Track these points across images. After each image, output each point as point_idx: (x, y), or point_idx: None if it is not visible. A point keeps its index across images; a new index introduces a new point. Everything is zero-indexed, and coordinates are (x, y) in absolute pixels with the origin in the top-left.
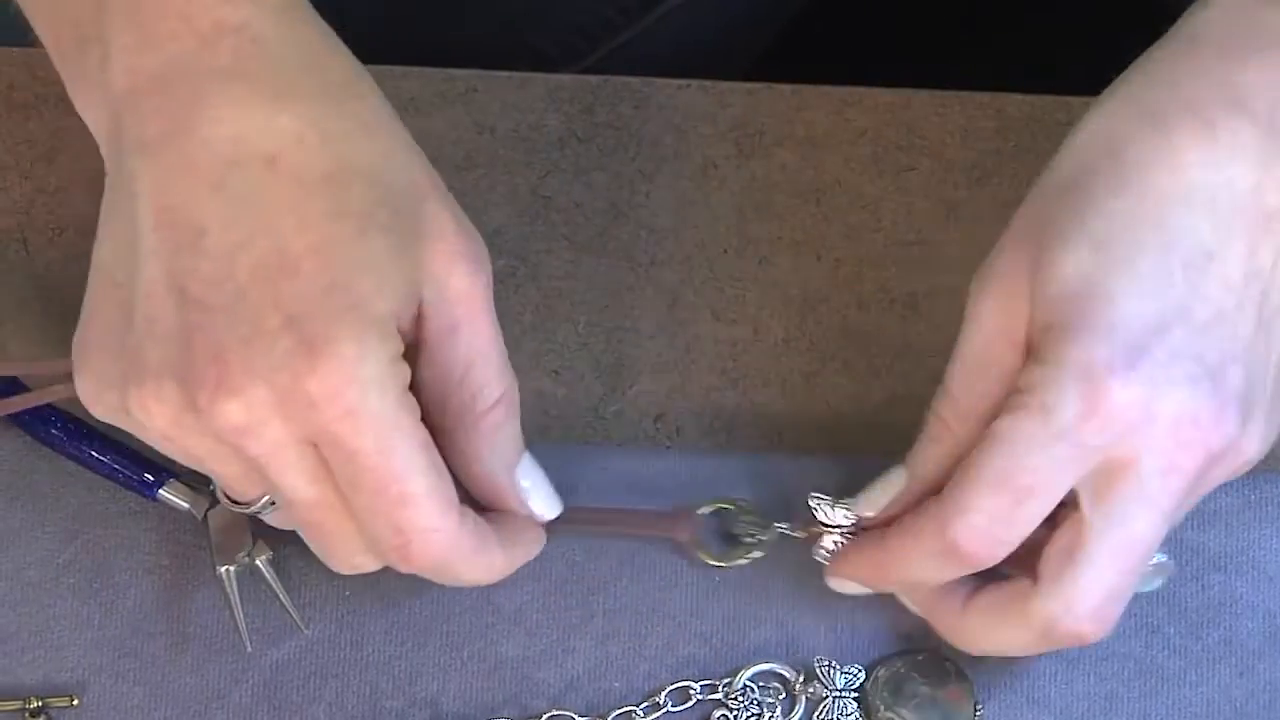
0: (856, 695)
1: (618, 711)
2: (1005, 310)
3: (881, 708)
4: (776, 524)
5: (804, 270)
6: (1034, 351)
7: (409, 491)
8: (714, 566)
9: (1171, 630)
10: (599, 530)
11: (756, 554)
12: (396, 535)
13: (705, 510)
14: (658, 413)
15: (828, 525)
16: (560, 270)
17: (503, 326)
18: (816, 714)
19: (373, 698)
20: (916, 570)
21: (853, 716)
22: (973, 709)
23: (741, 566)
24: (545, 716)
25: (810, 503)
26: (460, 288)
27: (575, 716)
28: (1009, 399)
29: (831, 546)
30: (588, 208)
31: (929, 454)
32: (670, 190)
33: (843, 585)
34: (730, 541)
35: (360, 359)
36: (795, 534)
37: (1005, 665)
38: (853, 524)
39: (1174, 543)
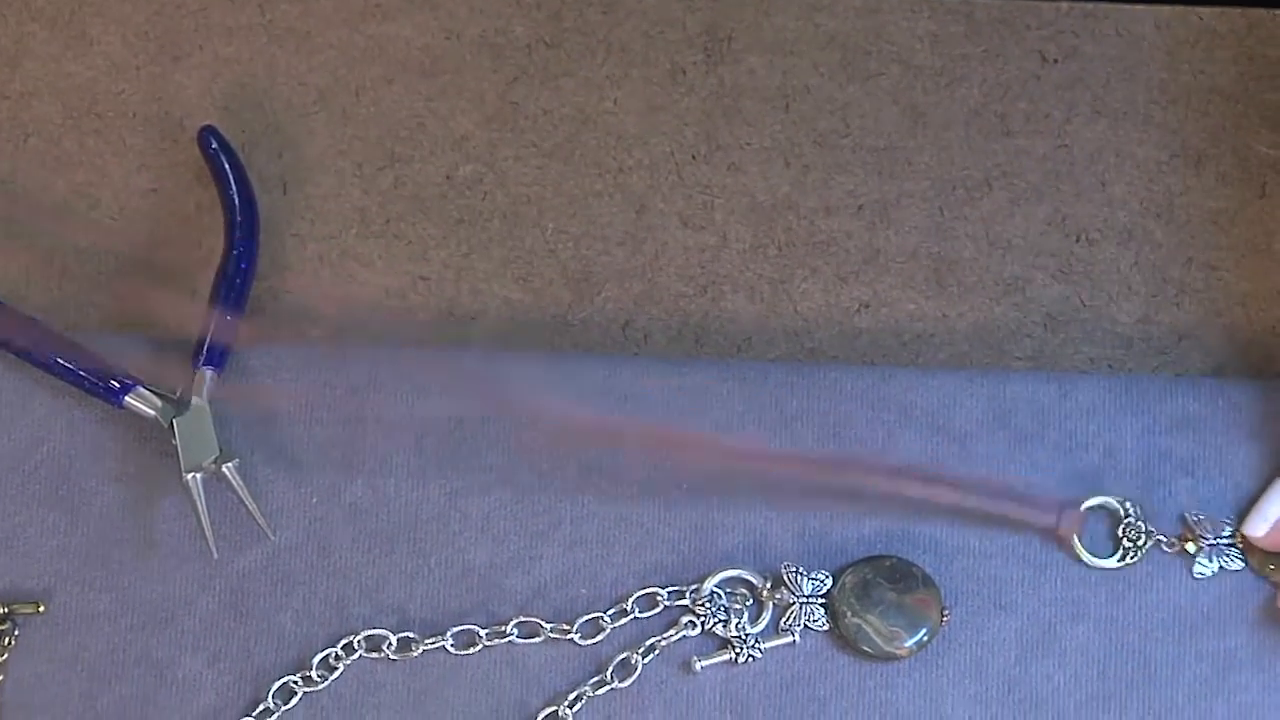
0: (824, 601)
1: (585, 618)
2: None
3: (848, 613)
4: (1159, 535)
5: (772, 177)
6: None
7: None
8: (1084, 562)
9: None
10: (974, 503)
11: (1132, 560)
12: None
13: (1090, 504)
14: (625, 320)
15: (1204, 537)
16: (528, 177)
17: (470, 234)
18: (783, 620)
19: (339, 605)
20: None
21: (820, 622)
22: (939, 614)
23: (1114, 569)
24: (512, 623)
25: (1188, 518)
26: None
27: (542, 623)
28: None
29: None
30: (555, 114)
31: None
32: (638, 96)
33: None
34: (1109, 541)
35: None
36: (1169, 549)
37: (972, 571)
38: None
39: (1145, 448)
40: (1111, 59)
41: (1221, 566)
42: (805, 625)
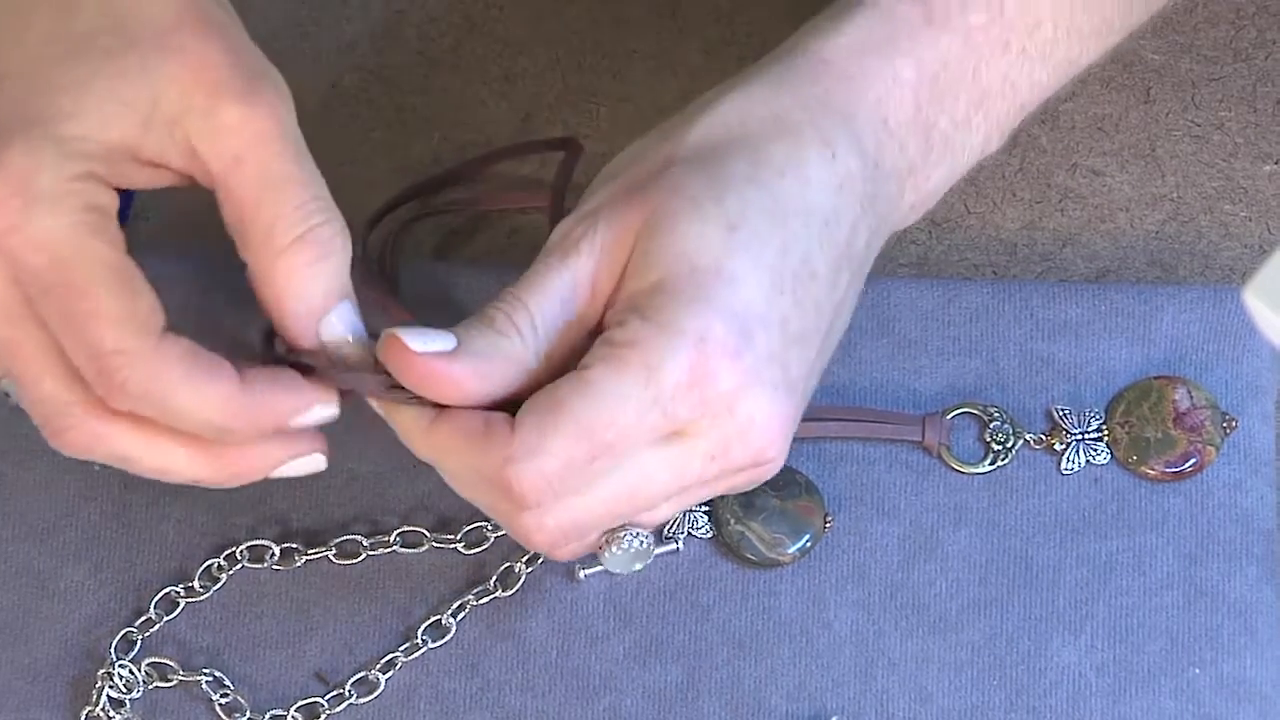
0: (707, 509)
1: (469, 527)
2: (610, 254)
3: (732, 520)
4: (1026, 435)
5: (659, 86)
6: (635, 307)
7: (94, 309)
8: (959, 471)
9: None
10: (835, 432)
11: (1003, 462)
12: (91, 360)
13: (954, 414)
14: (512, 228)
15: None
16: (414, 85)
17: (355, 143)
18: (667, 528)
19: (222, 515)
20: (459, 478)
21: (703, 529)
22: (822, 521)
23: (986, 473)
24: (395, 533)
25: (1054, 412)
26: (233, 119)
27: (426, 532)
28: (600, 346)
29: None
30: (442, 21)
31: (487, 341)
32: (525, 3)
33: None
34: (980, 446)
35: (31, 173)
36: (1036, 446)
37: (855, 477)
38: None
39: (1027, 354)
40: None
41: (1088, 461)
42: (689, 533)
